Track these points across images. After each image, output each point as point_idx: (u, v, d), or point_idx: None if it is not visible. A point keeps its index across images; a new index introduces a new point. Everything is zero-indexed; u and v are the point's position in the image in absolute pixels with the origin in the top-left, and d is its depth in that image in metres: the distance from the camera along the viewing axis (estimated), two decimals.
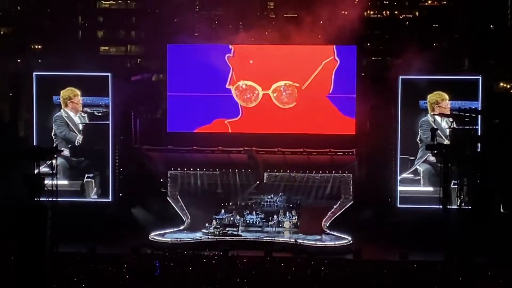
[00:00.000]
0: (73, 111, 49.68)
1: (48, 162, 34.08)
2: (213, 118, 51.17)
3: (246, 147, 50.00)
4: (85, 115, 49.64)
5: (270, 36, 56.96)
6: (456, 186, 34.61)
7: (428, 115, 47.89)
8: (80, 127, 49.66)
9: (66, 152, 48.74)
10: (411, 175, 48.56)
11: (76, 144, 49.67)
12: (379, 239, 45.55)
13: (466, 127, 35.19)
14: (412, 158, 48.48)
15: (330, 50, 50.45)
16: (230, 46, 50.85)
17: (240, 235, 48.29)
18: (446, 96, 47.71)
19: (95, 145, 50.02)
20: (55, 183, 32.65)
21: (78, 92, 49.62)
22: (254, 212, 50.29)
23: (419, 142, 48.24)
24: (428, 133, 46.17)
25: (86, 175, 49.78)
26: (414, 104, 48.17)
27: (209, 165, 51.10)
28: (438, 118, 47.05)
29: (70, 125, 49.66)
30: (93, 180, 49.80)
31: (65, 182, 48.70)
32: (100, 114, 49.55)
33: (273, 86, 50.94)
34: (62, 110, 49.67)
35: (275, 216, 49.87)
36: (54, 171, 33.08)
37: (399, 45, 56.32)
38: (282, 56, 51.11)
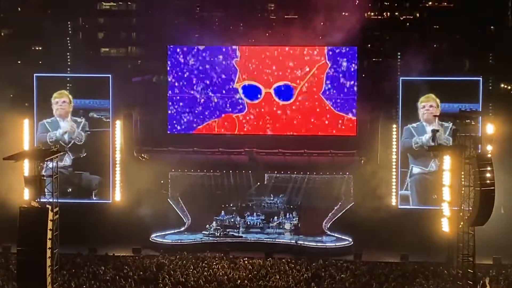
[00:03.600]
0: (60, 117, 49.30)
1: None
2: (222, 113, 51.28)
3: (246, 148, 50.05)
4: (84, 121, 49.10)
5: (270, 37, 56.89)
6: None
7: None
8: (83, 136, 49.16)
9: (67, 161, 48.62)
10: (407, 192, 48.38)
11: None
12: (380, 240, 45.52)
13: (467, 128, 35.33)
14: (404, 169, 48.36)
15: (322, 51, 50.67)
16: (237, 52, 50.98)
17: (241, 236, 48.36)
18: (435, 100, 47.66)
19: (100, 158, 49.44)
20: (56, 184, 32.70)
21: (65, 94, 49.20)
22: (254, 214, 50.35)
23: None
24: (409, 140, 46.74)
25: (94, 192, 49.51)
26: (412, 107, 48.13)
27: (209, 166, 51.11)
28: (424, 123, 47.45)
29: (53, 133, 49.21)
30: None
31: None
32: (108, 120, 49.19)
33: (274, 85, 51.17)
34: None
35: (275, 218, 49.92)
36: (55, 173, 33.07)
37: (399, 46, 56.23)
38: (281, 57, 51.25)
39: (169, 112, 51.72)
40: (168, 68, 51.85)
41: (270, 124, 51.06)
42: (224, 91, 51.21)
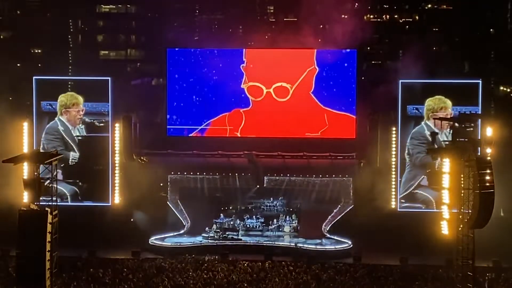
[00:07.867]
0: (70, 122, 48.84)
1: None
2: (232, 108, 51.54)
3: (246, 151, 50.00)
4: (83, 126, 48.77)
5: (269, 39, 56.96)
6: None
7: (422, 123, 47.55)
8: (77, 141, 49.04)
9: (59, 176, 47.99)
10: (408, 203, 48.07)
11: (70, 163, 48.63)
12: (379, 243, 45.46)
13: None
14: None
15: (321, 54, 50.90)
16: (243, 57, 51.12)
17: (240, 239, 48.27)
18: (449, 103, 47.40)
19: (96, 165, 49.10)
20: (55, 186, 32.67)
21: (80, 100, 48.72)
22: (254, 216, 50.28)
23: (407, 157, 47.89)
24: (420, 147, 46.30)
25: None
26: (403, 110, 47.92)
27: (209, 169, 51.08)
28: (432, 125, 46.84)
29: (68, 140, 48.73)
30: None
31: None
32: (102, 124, 49.01)
33: (273, 86, 51.45)
34: (56, 119, 48.83)
35: (275, 220, 49.85)
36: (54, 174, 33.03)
37: (398, 49, 56.21)
38: (281, 58, 51.46)
39: (168, 115, 51.71)
40: (167, 71, 51.79)
41: (271, 124, 51.21)
42: (228, 92, 51.38)
